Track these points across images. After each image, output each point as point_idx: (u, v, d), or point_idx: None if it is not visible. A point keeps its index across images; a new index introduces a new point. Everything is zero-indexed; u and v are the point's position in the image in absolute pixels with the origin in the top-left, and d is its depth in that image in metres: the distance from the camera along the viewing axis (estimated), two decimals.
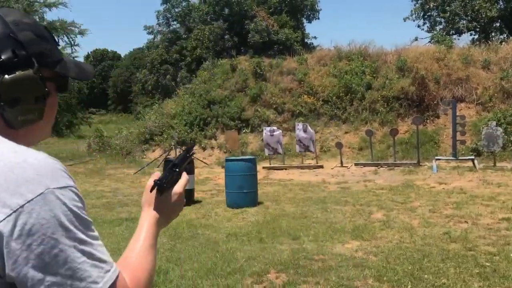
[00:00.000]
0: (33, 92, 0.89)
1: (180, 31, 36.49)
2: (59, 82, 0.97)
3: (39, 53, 0.91)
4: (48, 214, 0.76)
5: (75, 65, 1.01)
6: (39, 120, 0.92)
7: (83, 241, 0.79)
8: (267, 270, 4.66)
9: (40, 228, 0.75)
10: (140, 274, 0.91)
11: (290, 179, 11.43)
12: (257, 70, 17.75)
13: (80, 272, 0.77)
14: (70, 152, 18.78)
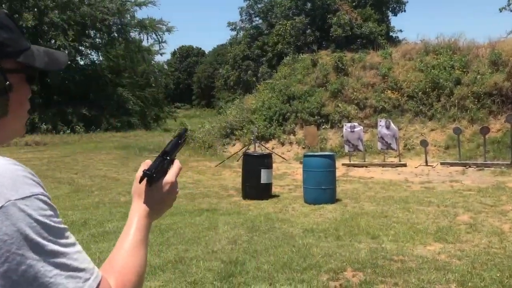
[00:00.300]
0: None
1: (262, 27, 36.88)
2: (28, 73, 0.87)
3: (8, 42, 0.82)
4: (11, 229, 0.70)
5: (45, 53, 0.90)
6: (3, 116, 0.82)
7: (54, 253, 0.73)
8: (344, 268, 4.59)
9: (3, 245, 0.69)
10: (127, 276, 0.85)
11: (370, 177, 11.14)
12: (339, 65, 17.46)
13: (53, 286, 0.72)
14: (156, 145, 19.69)
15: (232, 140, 17.23)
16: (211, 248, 5.43)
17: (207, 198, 8.74)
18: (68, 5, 28.76)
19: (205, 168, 13.45)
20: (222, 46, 59.59)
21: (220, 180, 11.18)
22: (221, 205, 8.06)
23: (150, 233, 0.96)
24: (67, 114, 27.85)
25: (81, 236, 6.22)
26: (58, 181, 11.44)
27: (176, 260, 5.02)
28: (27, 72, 0.87)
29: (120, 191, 9.84)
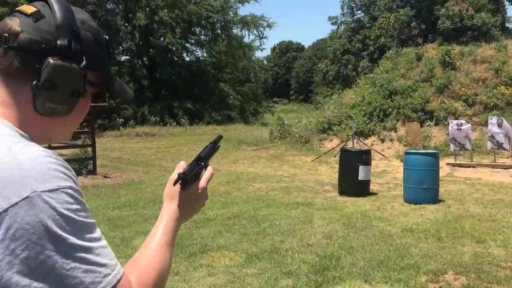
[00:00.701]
0: (71, 84, 0.88)
1: (364, 20, 35.98)
2: (98, 89, 0.96)
3: (90, 53, 0.90)
4: (33, 219, 0.71)
5: (118, 82, 1.00)
6: (66, 114, 0.90)
7: (74, 246, 0.74)
8: (445, 271, 4.39)
9: (24, 233, 0.71)
10: (149, 276, 0.87)
11: (478, 178, 10.43)
12: (446, 59, 16.49)
13: (69, 279, 0.73)
14: (254, 138, 20.17)
15: (330, 136, 17.08)
16: (306, 241, 5.49)
17: (303, 193, 8.80)
18: (176, 4, 30.38)
19: (301, 163, 13.52)
20: (322, 40, 59.14)
21: (316, 175, 11.17)
22: (316, 200, 8.07)
23: (247, 222, 1.00)
24: (173, 107, 29.52)
25: None
26: (164, 170, 12.22)
27: (272, 250, 5.16)
28: (100, 88, 0.96)
29: (220, 181, 10.26)
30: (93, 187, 9.59)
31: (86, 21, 0.93)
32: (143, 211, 7.37)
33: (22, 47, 0.84)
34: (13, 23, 0.86)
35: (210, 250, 5.22)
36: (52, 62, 0.85)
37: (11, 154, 0.76)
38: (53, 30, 0.86)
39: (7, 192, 0.72)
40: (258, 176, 10.78)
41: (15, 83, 0.86)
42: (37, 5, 0.89)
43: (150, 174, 11.56)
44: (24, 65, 0.85)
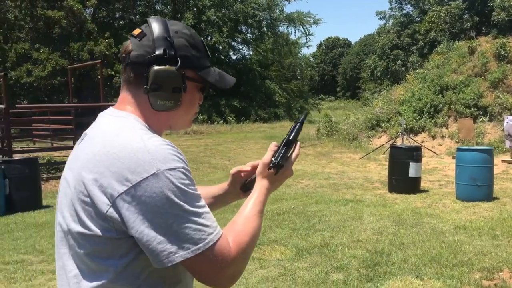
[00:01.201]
0: (172, 83, 1.10)
1: (413, 14, 35.12)
2: (201, 84, 1.17)
3: (185, 56, 1.13)
4: (158, 190, 0.97)
5: (218, 74, 1.21)
6: (175, 108, 1.13)
7: (188, 211, 0.98)
8: (500, 268, 4.32)
9: (152, 199, 0.97)
10: (243, 238, 1.07)
11: None
12: (501, 52, 15.87)
13: (183, 235, 0.98)
14: (301, 136, 20.12)
15: (378, 133, 16.86)
16: (356, 237, 5.52)
17: (351, 189, 8.79)
18: (223, 3, 30.82)
19: (349, 160, 13.44)
20: (369, 36, 58.14)
21: (364, 172, 11.10)
22: (365, 197, 8.05)
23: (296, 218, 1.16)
24: (220, 106, 29.99)
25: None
26: (213, 167, 12.51)
27: (322, 245, 5.23)
28: (201, 83, 1.18)
29: None
30: None
31: (179, 30, 1.15)
32: None
33: (133, 62, 1.12)
34: (128, 45, 1.14)
35: (261, 244, 5.35)
36: (153, 69, 1.10)
37: (143, 142, 1.02)
38: (151, 43, 1.11)
39: (140, 170, 0.98)
40: (306, 173, 10.83)
41: (135, 89, 1.14)
42: (142, 27, 1.16)
43: (200, 171, 11.86)
44: (137, 75, 1.12)
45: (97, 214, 1.00)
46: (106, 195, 0.99)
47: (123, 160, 1.00)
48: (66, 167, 1.15)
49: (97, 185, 1.00)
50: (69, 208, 1.06)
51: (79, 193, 1.03)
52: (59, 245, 1.12)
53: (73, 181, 1.06)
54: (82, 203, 1.02)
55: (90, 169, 1.02)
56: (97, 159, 1.02)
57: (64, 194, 1.10)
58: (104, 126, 1.11)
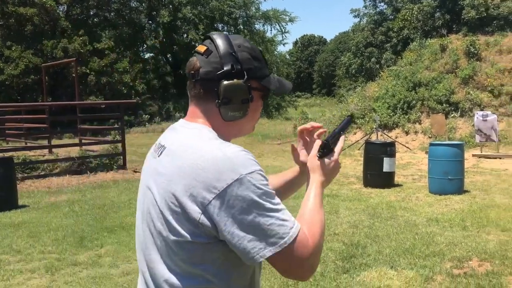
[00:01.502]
0: (241, 95, 1.20)
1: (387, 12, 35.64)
2: (263, 92, 1.27)
3: (249, 69, 1.21)
4: (243, 193, 1.06)
5: (278, 81, 1.30)
6: (243, 117, 1.22)
7: (270, 209, 1.08)
8: (469, 257, 4.51)
9: (238, 202, 1.06)
10: (315, 228, 1.16)
11: (504, 169, 10.38)
12: (471, 49, 16.33)
13: (269, 231, 1.07)
14: (278, 132, 20.36)
15: (353, 129, 17.13)
16: (333, 230, 5.66)
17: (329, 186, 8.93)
18: (199, 1, 30.69)
19: None
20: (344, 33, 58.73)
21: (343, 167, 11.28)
22: (342, 192, 8.21)
23: None
24: None
25: None
26: None
27: None
28: (264, 91, 1.27)
29: None
30: (124, 181, 9.93)
31: (241, 44, 1.24)
32: None
33: (203, 78, 1.20)
34: (195, 62, 1.23)
35: None
36: (223, 83, 1.19)
37: (221, 151, 1.12)
38: (219, 60, 1.20)
39: (225, 177, 1.07)
40: (283, 169, 10.87)
41: (205, 103, 1.23)
42: (206, 44, 1.24)
43: None
44: (206, 90, 1.21)
45: (190, 222, 1.09)
46: (197, 204, 1.08)
47: (207, 170, 1.08)
48: (147, 177, 1.24)
49: (187, 196, 1.09)
50: (159, 218, 1.15)
51: (170, 204, 1.12)
52: (147, 251, 1.21)
53: (161, 193, 1.15)
54: (173, 213, 1.11)
55: (178, 181, 1.11)
56: (184, 172, 1.11)
57: (152, 205, 1.18)
58: (182, 139, 1.20)
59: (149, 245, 1.20)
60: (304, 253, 1.10)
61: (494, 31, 22.04)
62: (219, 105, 1.19)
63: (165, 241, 1.14)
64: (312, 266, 1.13)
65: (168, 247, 1.14)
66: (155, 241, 1.17)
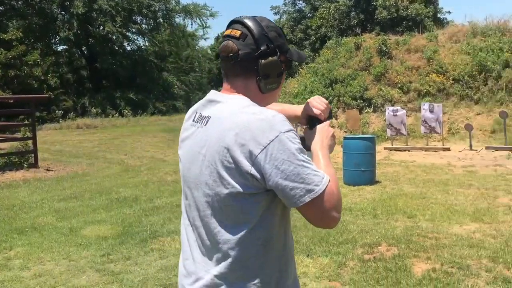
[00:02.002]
0: (277, 70, 1.42)
1: (305, 10, 36.60)
2: (287, 63, 1.47)
3: (279, 45, 1.43)
4: (283, 147, 1.25)
5: (296, 52, 1.50)
6: (277, 88, 1.47)
7: (305, 161, 1.27)
8: (379, 243, 4.81)
9: (280, 155, 1.25)
10: (335, 181, 1.35)
11: (412, 161, 11.15)
12: (382, 48, 17.29)
13: (307, 179, 1.25)
14: None
15: None
16: None
17: None
18: None
19: None
20: None
21: None
22: None
23: None
24: (115, 98, 28.89)
25: (133, 210, 6.71)
26: (109, 162, 12.11)
27: None
28: (288, 63, 1.47)
29: (167, 171, 10.34)
30: (35, 180, 9.39)
31: (268, 25, 1.43)
32: (90, 202, 7.37)
33: (243, 59, 1.39)
34: (232, 46, 1.40)
35: (160, 235, 5.37)
36: (262, 62, 1.39)
37: (263, 114, 1.31)
38: (254, 42, 1.39)
39: (267, 134, 1.26)
40: None
41: (245, 79, 1.42)
42: (238, 28, 1.42)
43: (95, 166, 11.43)
44: (246, 68, 1.40)
45: (241, 175, 1.27)
46: (247, 159, 1.26)
47: (253, 129, 1.27)
48: (195, 147, 1.41)
49: (239, 152, 1.26)
50: (213, 176, 1.32)
51: (224, 161, 1.29)
52: (202, 207, 1.38)
53: (213, 154, 1.32)
54: (227, 169, 1.29)
55: (230, 141, 1.28)
56: (234, 133, 1.28)
57: (205, 167, 1.35)
58: (229, 107, 1.37)
59: (204, 204, 1.37)
60: (333, 200, 1.30)
61: (403, 31, 23.47)
62: (260, 80, 1.41)
63: (218, 196, 1.32)
64: (338, 213, 1.34)
65: (220, 202, 1.32)
66: (208, 200, 1.35)
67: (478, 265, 4.10)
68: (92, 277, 4.21)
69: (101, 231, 5.65)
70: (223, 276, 1.35)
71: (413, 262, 4.26)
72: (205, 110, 1.45)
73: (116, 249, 4.93)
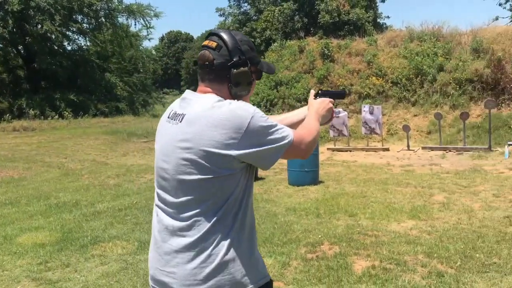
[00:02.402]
0: (247, 79, 1.66)
1: (250, 13, 36.85)
2: (258, 73, 1.73)
3: (250, 57, 1.67)
4: (258, 123, 1.52)
5: (266, 64, 1.75)
6: (247, 94, 1.69)
7: (274, 126, 1.56)
8: (321, 242, 4.92)
9: (255, 131, 1.52)
10: (311, 131, 1.72)
11: (354, 161, 11.49)
12: (325, 51, 17.70)
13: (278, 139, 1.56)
14: (144, 130, 19.87)
15: None
16: None
17: None
18: None
19: None
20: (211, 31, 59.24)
21: None
22: None
23: (139, 212, 1.47)
24: (54, 99, 27.74)
25: (73, 215, 6.48)
26: (48, 165, 11.63)
27: None
28: (258, 73, 1.74)
29: (109, 174, 10.07)
30: None
31: (242, 39, 1.67)
32: (26, 208, 7.05)
33: (217, 68, 1.62)
34: (209, 55, 1.64)
35: (101, 241, 5.23)
36: (234, 71, 1.63)
37: (233, 104, 1.56)
38: (228, 53, 1.62)
39: (243, 119, 1.52)
40: (149, 168, 10.75)
41: (218, 85, 1.65)
42: (215, 39, 1.65)
43: (32, 170, 10.94)
44: (220, 76, 1.63)
45: (224, 162, 1.51)
46: (231, 146, 1.50)
47: (231, 119, 1.51)
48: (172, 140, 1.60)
49: (222, 141, 1.49)
50: (194, 166, 1.53)
51: (204, 151, 1.51)
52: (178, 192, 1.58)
53: (194, 147, 1.52)
54: (208, 158, 1.51)
55: (209, 134, 1.50)
56: (212, 125, 1.50)
57: (185, 158, 1.54)
58: (201, 104, 1.58)
59: (182, 187, 1.57)
60: (303, 145, 1.64)
61: (345, 35, 24.16)
62: (231, 87, 1.64)
63: (198, 182, 1.53)
64: (310, 151, 1.68)
65: (201, 185, 1.53)
66: (188, 185, 1.54)
67: (414, 261, 4.29)
68: (28, 287, 4.03)
69: (38, 238, 5.42)
70: None
71: (354, 259, 4.39)
72: (180, 108, 1.64)
73: (55, 257, 4.75)
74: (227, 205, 1.56)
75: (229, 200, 1.56)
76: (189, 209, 1.56)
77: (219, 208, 1.55)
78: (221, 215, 1.55)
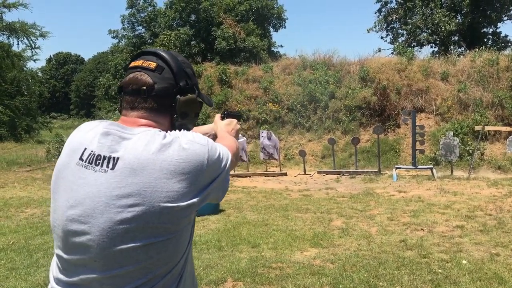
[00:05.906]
0: (195, 109, 1.37)
1: (145, 36, 36.11)
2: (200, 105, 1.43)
3: (195, 84, 1.37)
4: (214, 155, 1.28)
5: (205, 95, 1.47)
6: (191, 128, 1.40)
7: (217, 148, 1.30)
8: (225, 279, 4.62)
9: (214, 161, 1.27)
10: (232, 147, 1.44)
11: (253, 187, 11.42)
12: (223, 77, 17.74)
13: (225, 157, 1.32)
14: (28, 158, 18.17)
15: None
16: None
17: None
18: None
19: None
20: (103, 53, 57.22)
21: None
22: None
23: (15, 254, 1.03)
24: None
25: None
26: None
27: (46, 283, 4.64)
28: (201, 104, 1.44)
29: None
30: None
31: (184, 61, 1.36)
32: None
33: (159, 94, 1.28)
34: (146, 78, 1.28)
35: None
36: (181, 99, 1.31)
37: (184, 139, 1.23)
38: (172, 76, 1.29)
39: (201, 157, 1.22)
40: (31, 201, 9.68)
41: (158, 115, 1.29)
42: (153, 59, 1.29)
43: None
44: (161, 104, 1.29)
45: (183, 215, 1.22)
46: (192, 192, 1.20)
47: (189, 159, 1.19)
48: (103, 194, 1.16)
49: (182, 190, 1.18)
50: (139, 229, 1.15)
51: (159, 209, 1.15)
52: (104, 267, 1.16)
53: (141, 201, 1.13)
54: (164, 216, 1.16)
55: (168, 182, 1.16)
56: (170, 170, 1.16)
57: (125, 220, 1.14)
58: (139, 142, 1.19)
59: (115, 257, 1.15)
60: (234, 156, 1.41)
61: (242, 62, 24.54)
62: (176, 119, 1.32)
63: (143, 248, 1.16)
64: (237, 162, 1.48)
65: (147, 252, 1.16)
66: (125, 254, 1.15)
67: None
68: None
69: None
70: None
71: None
72: (104, 147, 1.20)
73: None
74: (171, 274, 1.24)
75: (177, 265, 1.25)
76: (123, 285, 1.18)
77: (162, 277, 1.21)
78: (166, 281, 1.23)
